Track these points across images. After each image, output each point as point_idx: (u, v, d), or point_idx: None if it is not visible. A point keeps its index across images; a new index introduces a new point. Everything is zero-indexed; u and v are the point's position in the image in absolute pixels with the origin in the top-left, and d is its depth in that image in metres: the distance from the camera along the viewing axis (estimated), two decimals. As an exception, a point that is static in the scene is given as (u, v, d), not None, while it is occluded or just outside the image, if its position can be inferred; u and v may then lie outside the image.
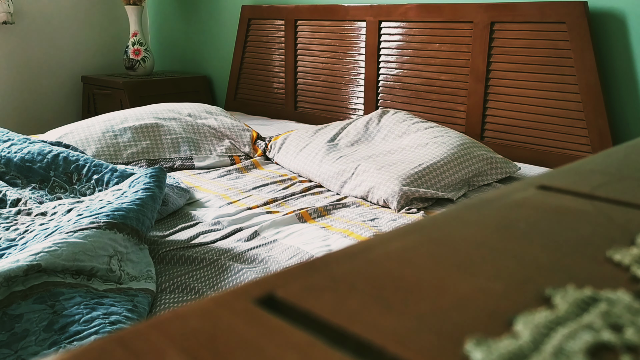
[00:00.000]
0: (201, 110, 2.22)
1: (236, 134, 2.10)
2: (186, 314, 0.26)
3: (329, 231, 1.35)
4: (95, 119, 2.07)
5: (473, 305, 0.27)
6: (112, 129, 1.97)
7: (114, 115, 2.08)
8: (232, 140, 2.09)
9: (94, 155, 1.87)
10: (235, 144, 2.07)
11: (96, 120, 2.05)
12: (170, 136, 2.00)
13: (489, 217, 0.38)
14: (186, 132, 2.05)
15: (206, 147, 2.03)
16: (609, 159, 0.50)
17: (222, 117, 2.19)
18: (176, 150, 1.97)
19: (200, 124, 2.11)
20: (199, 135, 2.06)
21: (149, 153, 1.94)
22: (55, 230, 1.16)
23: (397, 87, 2.30)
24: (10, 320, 0.90)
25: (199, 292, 1.08)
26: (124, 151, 1.92)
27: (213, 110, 2.24)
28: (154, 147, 1.96)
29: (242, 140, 2.09)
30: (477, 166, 1.64)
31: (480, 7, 2.03)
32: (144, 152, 1.93)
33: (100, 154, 1.89)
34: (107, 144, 1.92)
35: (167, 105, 2.22)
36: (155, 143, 1.97)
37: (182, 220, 1.44)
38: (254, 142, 2.10)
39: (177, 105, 2.23)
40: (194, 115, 2.17)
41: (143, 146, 1.95)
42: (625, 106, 1.83)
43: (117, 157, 1.90)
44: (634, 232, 0.35)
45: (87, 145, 1.91)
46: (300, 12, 2.60)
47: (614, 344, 0.23)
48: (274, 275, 0.30)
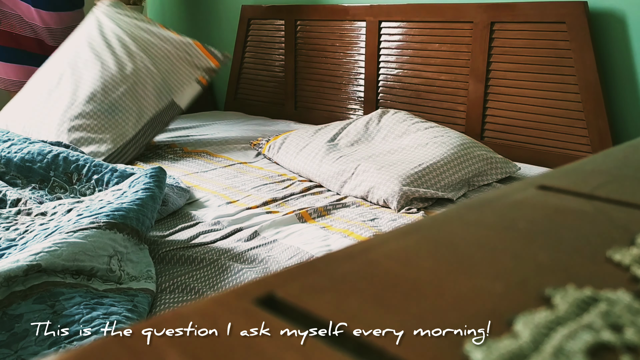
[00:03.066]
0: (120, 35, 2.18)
1: (184, 52, 2.16)
2: (186, 314, 0.26)
3: (329, 231, 1.35)
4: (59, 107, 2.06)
5: (473, 305, 0.27)
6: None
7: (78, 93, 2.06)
8: (186, 60, 2.14)
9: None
10: (191, 62, 2.12)
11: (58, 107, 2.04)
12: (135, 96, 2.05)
13: (489, 217, 0.38)
14: (144, 75, 2.07)
15: (174, 80, 2.09)
16: (609, 159, 0.50)
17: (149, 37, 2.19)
18: (159, 99, 2.04)
19: (144, 65, 2.12)
20: (159, 71, 2.10)
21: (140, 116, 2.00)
22: (55, 230, 1.16)
23: (397, 87, 2.30)
24: (10, 320, 0.90)
25: (199, 292, 1.08)
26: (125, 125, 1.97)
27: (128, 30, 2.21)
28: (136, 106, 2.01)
29: (194, 56, 2.15)
30: (477, 166, 1.64)
31: (480, 7, 2.03)
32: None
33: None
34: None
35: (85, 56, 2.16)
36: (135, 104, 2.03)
37: (182, 220, 1.44)
38: (211, 70, 2.15)
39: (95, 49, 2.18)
40: (125, 52, 2.14)
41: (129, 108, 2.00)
42: (625, 106, 1.83)
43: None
44: (634, 232, 0.35)
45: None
46: (300, 12, 2.60)
47: (614, 344, 0.23)
48: (274, 275, 0.30)
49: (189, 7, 3.22)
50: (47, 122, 2.00)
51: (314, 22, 2.56)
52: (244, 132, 2.41)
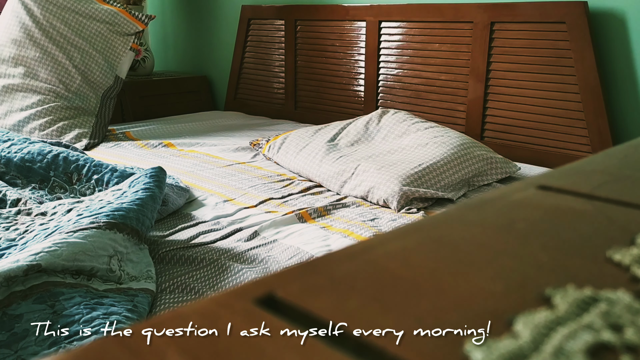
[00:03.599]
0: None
1: (114, 24, 2.28)
2: (186, 314, 0.26)
3: (329, 231, 1.35)
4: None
5: (473, 305, 0.27)
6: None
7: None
8: (117, 32, 2.26)
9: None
10: (121, 32, 2.24)
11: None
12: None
13: (489, 217, 0.38)
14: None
15: (112, 56, 2.22)
16: (609, 159, 0.50)
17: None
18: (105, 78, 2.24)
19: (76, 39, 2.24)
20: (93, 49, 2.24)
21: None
22: (55, 230, 1.16)
23: (397, 87, 2.30)
24: (10, 320, 0.90)
25: (199, 292, 1.08)
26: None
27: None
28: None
29: (123, 25, 2.26)
30: (477, 166, 1.64)
31: (480, 7, 2.03)
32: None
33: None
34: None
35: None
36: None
37: (182, 220, 1.44)
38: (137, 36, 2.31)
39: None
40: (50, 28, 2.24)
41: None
42: (625, 106, 1.83)
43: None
44: (634, 232, 0.35)
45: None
46: (300, 12, 2.60)
47: (614, 344, 0.23)
48: (274, 275, 0.30)
49: (189, 7, 3.22)
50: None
51: (314, 22, 2.56)
52: (244, 132, 2.41)
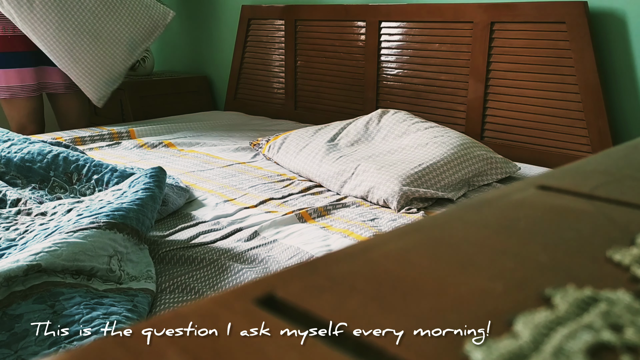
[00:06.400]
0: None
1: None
2: (186, 314, 0.26)
3: (329, 231, 1.35)
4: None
5: (473, 305, 0.27)
6: None
7: None
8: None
9: None
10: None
11: None
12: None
13: (489, 217, 0.38)
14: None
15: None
16: (609, 159, 0.50)
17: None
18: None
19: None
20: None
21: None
22: (55, 230, 1.16)
23: (397, 87, 2.30)
24: (10, 320, 0.90)
25: (199, 292, 1.08)
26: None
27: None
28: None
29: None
30: (477, 166, 1.64)
31: (480, 7, 2.02)
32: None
33: None
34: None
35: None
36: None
37: (182, 220, 1.44)
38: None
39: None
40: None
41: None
42: (625, 106, 1.83)
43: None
44: (634, 232, 0.35)
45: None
46: (300, 12, 2.60)
47: (614, 344, 0.23)
48: (274, 275, 0.30)
49: (189, 7, 3.22)
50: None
51: (314, 22, 2.56)
52: (244, 132, 2.41)
